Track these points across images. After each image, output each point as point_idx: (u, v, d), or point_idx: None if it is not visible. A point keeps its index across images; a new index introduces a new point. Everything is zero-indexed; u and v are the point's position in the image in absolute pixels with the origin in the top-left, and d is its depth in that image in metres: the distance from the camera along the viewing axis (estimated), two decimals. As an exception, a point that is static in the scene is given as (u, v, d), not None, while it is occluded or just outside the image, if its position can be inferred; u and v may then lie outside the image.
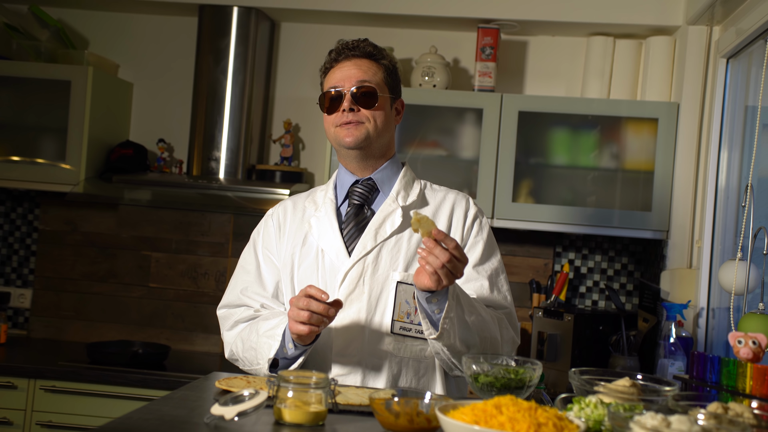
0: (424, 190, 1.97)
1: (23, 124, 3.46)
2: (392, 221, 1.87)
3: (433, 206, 1.94)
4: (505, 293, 1.92)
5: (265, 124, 3.59)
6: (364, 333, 1.82)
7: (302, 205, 1.98)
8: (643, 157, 3.14)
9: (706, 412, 1.28)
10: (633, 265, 3.45)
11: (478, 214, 1.95)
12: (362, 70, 1.88)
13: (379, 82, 1.89)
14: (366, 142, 1.87)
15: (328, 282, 1.85)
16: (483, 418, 1.22)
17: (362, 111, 1.86)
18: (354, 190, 1.92)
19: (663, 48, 3.24)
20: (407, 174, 1.97)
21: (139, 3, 3.51)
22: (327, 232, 1.88)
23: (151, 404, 1.45)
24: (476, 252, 1.91)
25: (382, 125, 1.89)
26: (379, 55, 1.92)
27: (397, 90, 1.97)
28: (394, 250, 1.85)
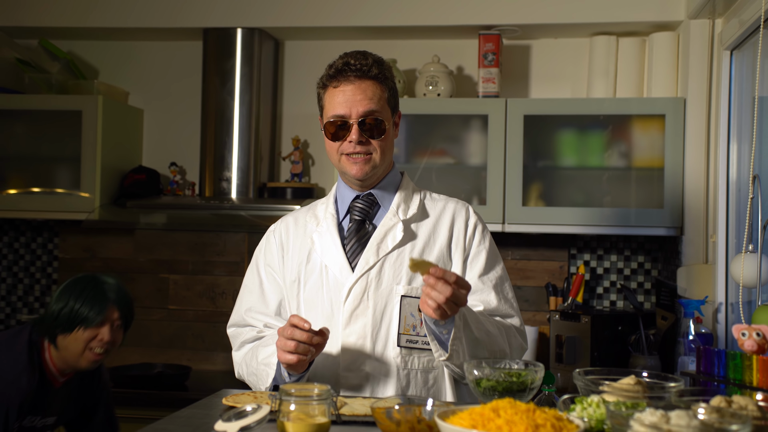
0: (423, 200, 1.95)
1: (38, 156, 3.53)
2: (393, 236, 1.87)
3: (434, 217, 1.93)
4: (511, 300, 1.92)
5: (274, 141, 3.63)
6: (370, 347, 1.82)
7: (303, 220, 1.97)
8: (652, 154, 3.13)
9: (707, 406, 1.26)
10: (649, 263, 3.42)
11: (478, 222, 1.94)
12: (368, 97, 1.81)
13: (384, 106, 1.85)
14: (373, 172, 1.87)
15: (333, 298, 1.85)
16: (481, 421, 1.22)
17: (371, 142, 1.83)
18: (355, 206, 1.92)
19: (666, 44, 3.22)
20: (406, 185, 1.96)
21: (144, 31, 3.56)
22: (330, 249, 1.88)
23: (158, 423, 1.47)
24: (480, 262, 1.90)
25: (388, 152, 1.89)
26: (383, 75, 1.85)
27: (397, 106, 1.93)
28: (397, 263, 1.85)
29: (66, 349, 2.33)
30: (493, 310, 1.87)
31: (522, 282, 3.48)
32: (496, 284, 1.89)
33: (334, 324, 1.83)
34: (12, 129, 3.52)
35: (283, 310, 1.95)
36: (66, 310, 2.31)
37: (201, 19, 3.44)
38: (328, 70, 1.86)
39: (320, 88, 1.89)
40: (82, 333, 2.30)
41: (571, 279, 3.35)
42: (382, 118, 1.83)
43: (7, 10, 3.54)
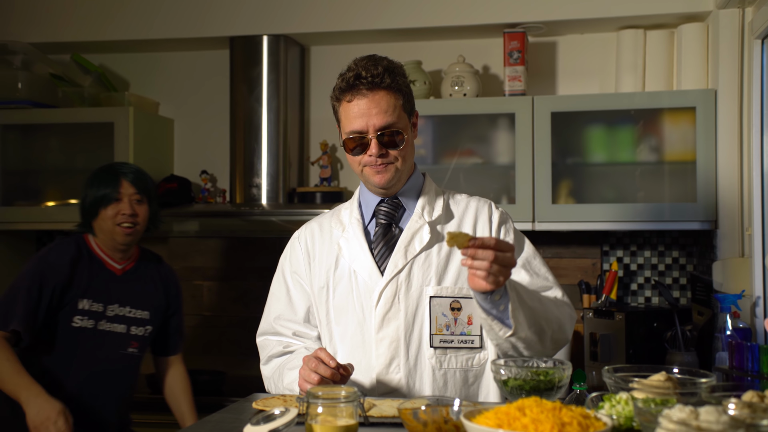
0: (447, 201, 1.95)
1: (73, 168, 3.60)
2: (420, 238, 1.86)
3: (458, 217, 1.92)
4: (545, 274, 1.90)
5: (303, 147, 3.65)
6: (404, 350, 1.82)
7: (328, 226, 1.96)
8: (684, 147, 3.08)
9: (738, 401, 1.24)
10: (684, 258, 3.37)
11: (501, 217, 1.93)
12: (383, 110, 1.79)
13: (401, 114, 1.82)
14: (395, 179, 1.85)
15: (364, 303, 1.85)
16: (506, 420, 1.21)
17: (390, 153, 1.82)
18: (380, 210, 1.91)
19: (695, 35, 3.18)
20: (429, 186, 1.95)
21: (172, 41, 3.62)
22: (358, 254, 1.87)
23: (188, 429, 1.49)
24: None
25: (408, 158, 1.87)
26: (395, 83, 1.81)
27: (412, 109, 1.90)
28: (425, 265, 1.85)
29: (101, 231, 2.58)
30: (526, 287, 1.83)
31: (555, 280, 3.44)
32: (524, 264, 1.88)
33: (367, 329, 1.84)
34: (47, 142, 3.59)
35: (312, 316, 1.95)
36: (88, 198, 2.58)
37: (227, 28, 3.48)
38: (340, 81, 1.83)
39: (334, 101, 1.87)
40: (105, 212, 2.55)
41: (604, 276, 3.32)
42: (399, 129, 1.81)
43: (41, 27, 3.62)
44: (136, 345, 2.65)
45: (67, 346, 2.54)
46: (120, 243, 2.60)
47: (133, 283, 2.66)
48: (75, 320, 2.53)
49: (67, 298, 2.53)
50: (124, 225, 2.56)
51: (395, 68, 1.84)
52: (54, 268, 2.53)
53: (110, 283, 2.61)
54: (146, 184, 2.65)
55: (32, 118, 3.52)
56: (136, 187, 2.60)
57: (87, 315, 2.55)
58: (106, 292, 2.59)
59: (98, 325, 2.57)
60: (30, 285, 2.49)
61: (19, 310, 2.47)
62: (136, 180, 2.61)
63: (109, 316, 2.59)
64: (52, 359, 2.54)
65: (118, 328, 2.61)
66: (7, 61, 3.56)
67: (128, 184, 2.59)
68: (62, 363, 2.54)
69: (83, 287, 2.55)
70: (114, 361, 2.60)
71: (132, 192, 2.59)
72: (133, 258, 2.70)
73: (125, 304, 2.63)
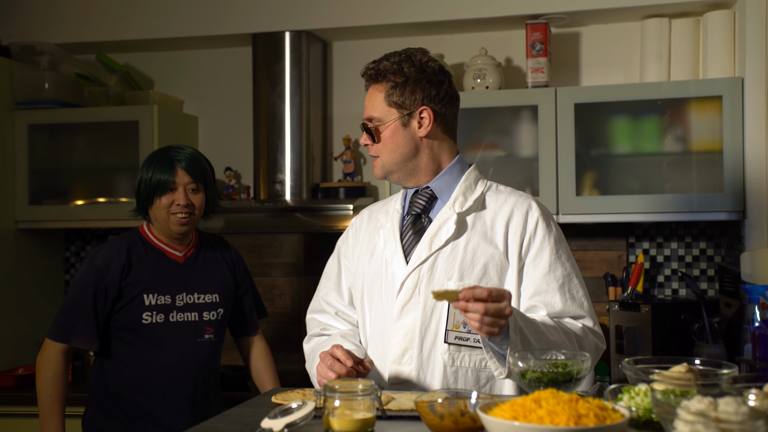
0: (485, 193, 1.91)
1: (100, 166, 3.64)
2: (447, 229, 1.84)
3: (492, 211, 1.88)
4: (581, 299, 1.84)
5: (326, 142, 3.66)
6: (419, 342, 1.82)
7: (376, 215, 2.01)
8: (710, 136, 3.03)
9: (759, 392, 1.22)
10: (712, 249, 3.32)
11: (541, 217, 1.86)
12: (368, 102, 1.88)
13: (382, 108, 1.85)
14: (384, 172, 1.89)
15: (388, 291, 1.87)
16: (522, 413, 1.20)
17: (374, 146, 1.88)
18: (414, 201, 1.92)
19: (722, 22, 3.13)
20: (468, 177, 1.92)
21: (195, 39, 3.64)
22: (389, 243, 1.90)
23: (207, 422, 1.50)
24: (543, 260, 1.83)
25: (394, 152, 1.86)
26: (382, 75, 1.85)
27: (412, 103, 1.85)
28: (450, 258, 1.83)
29: (156, 220, 2.49)
30: (558, 313, 1.81)
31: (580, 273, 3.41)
32: (562, 284, 1.82)
33: (388, 317, 1.86)
34: (74, 141, 3.64)
35: (354, 300, 2.01)
36: (142, 184, 2.47)
37: (248, 25, 3.50)
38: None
39: None
40: (159, 201, 2.44)
41: (630, 268, 3.28)
42: (376, 123, 1.86)
43: (67, 27, 3.66)
44: (211, 330, 2.56)
45: (141, 343, 2.46)
46: (175, 233, 2.50)
47: (198, 268, 2.57)
48: (144, 317, 2.45)
49: (130, 296, 2.45)
50: (179, 216, 2.46)
51: (396, 63, 1.85)
52: (102, 270, 2.43)
53: (174, 273, 2.52)
54: (202, 170, 2.51)
55: (59, 118, 3.57)
56: (192, 175, 2.47)
57: (155, 309, 2.47)
58: (172, 282, 2.50)
59: (169, 317, 2.48)
60: (83, 294, 2.42)
61: (77, 323, 2.42)
62: (190, 167, 2.47)
63: (179, 306, 2.50)
64: (128, 359, 2.47)
65: (191, 317, 2.52)
66: (34, 61, 3.61)
67: (183, 173, 2.46)
68: (139, 362, 2.46)
69: (146, 282, 2.47)
70: (192, 351, 2.51)
71: (187, 181, 2.47)
72: (194, 242, 2.61)
73: (193, 291, 2.53)
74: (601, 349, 1.84)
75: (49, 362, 2.43)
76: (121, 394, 2.47)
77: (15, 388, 3.25)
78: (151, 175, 2.46)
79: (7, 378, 3.28)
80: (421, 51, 1.90)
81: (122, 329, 2.46)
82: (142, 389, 2.45)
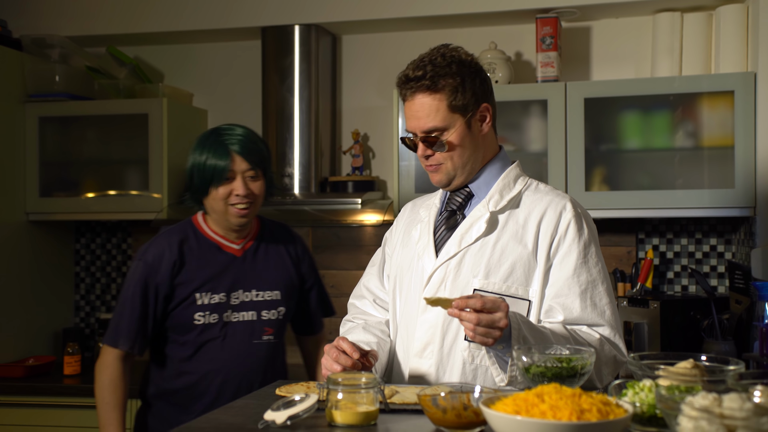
0: (523, 192, 1.87)
1: (109, 159, 3.65)
2: (478, 227, 1.82)
3: (526, 210, 1.84)
4: (603, 307, 1.78)
5: (334, 136, 3.65)
6: (440, 338, 1.81)
7: (418, 209, 2.01)
8: (722, 132, 3.01)
9: (765, 388, 1.21)
10: (722, 245, 3.30)
11: (574, 218, 1.82)
12: (425, 113, 1.78)
13: (445, 115, 1.78)
14: (449, 179, 1.85)
15: (416, 284, 1.87)
16: (524, 407, 1.20)
17: (436, 154, 1.81)
18: (452, 198, 1.91)
19: (734, 16, 3.10)
20: (509, 175, 1.88)
21: (205, 33, 3.64)
22: (424, 236, 1.90)
23: (211, 413, 1.51)
24: (569, 263, 1.79)
25: (462, 157, 1.82)
26: (436, 84, 1.77)
27: (472, 104, 1.81)
28: (478, 255, 1.80)
29: (213, 211, 2.28)
30: (576, 319, 1.77)
31: (589, 269, 3.40)
32: (585, 289, 1.77)
33: (414, 310, 1.86)
34: (84, 134, 3.65)
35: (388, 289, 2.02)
36: (195, 170, 2.25)
37: (258, 18, 3.50)
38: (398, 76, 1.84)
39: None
40: (216, 192, 2.23)
41: (640, 264, 3.26)
42: (440, 133, 1.79)
43: (77, 20, 3.67)
44: (270, 331, 2.34)
45: (194, 346, 2.27)
46: (234, 225, 2.28)
47: (258, 263, 2.34)
48: (196, 318, 2.25)
49: (181, 296, 2.26)
50: (239, 207, 2.24)
51: (446, 66, 1.79)
52: (154, 267, 2.25)
53: (231, 268, 2.30)
54: (259, 154, 2.28)
55: (69, 111, 3.58)
56: (249, 161, 2.24)
57: (208, 309, 2.26)
58: (227, 278, 2.29)
59: (223, 317, 2.28)
60: (133, 295, 2.24)
61: (125, 327, 2.25)
62: (246, 152, 2.23)
63: (234, 304, 2.29)
64: (180, 362, 2.29)
65: (247, 316, 2.31)
66: (45, 54, 3.62)
67: (240, 159, 2.22)
68: (191, 365, 2.28)
69: (198, 280, 2.26)
70: (249, 353, 2.30)
71: (245, 168, 2.23)
72: (254, 233, 2.38)
73: (250, 288, 2.32)
74: (621, 362, 1.78)
75: (105, 368, 2.28)
76: (171, 399, 2.30)
77: (25, 379, 3.28)
78: (205, 161, 2.22)
79: (17, 368, 3.30)
80: (455, 47, 1.86)
81: (175, 330, 2.28)
82: (194, 395, 2.27)
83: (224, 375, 2.26)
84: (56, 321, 3.77)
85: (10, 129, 3.49)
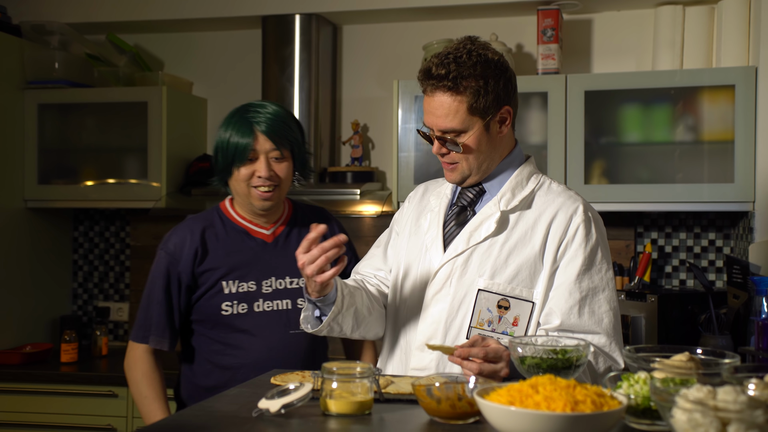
0: (536, 191, 1.84)
1: (108, 147, 3.64)
2: (488, 226, 1.80)
3: (537, 211, 1.81)
4: (601, 316, 1.75)
5: (334, 126, 3.64)
6: (443, 334, 1.80)
7: (429, 196, 1.98)
8: (722, 126, 3.00)
9: (759, 381, 1.21)
10: (721, 240, 3.30)
11: (583, 223, 1.79)
12: (443, 113, 1.74)
13: (463, 118, 1.73)
14: (463, 178, 1.82)
15: (423, 277, 1.86)
16: (518, 398, 1.20)
17: (452, 154, 1.79)
18: (463, 193, 1.88)
19: (737, 10, 3.08)
20: (522, 173, 1.85)
21: (205, 21, 3.63)
22: (433, 228, 1.88)
23: (205, 402, 1.50)
24: (572, 268, 1.76)
25: (477, 159, 1.79)
26: (457, 86, 1.72)
27: (494, 107, 1.75)
28: (485, 255, 1.79)
29: (237, 194, 2.14)
30: (572, 325, 1.74)
31: (587, 262, 3.40)
32: (584, 296, 1.75)
33: (419, 303, 1.85)
34: (83, 121, 3.64)
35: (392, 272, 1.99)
36: (219, 150, 2.11)
37: (259, 7, 3.48)
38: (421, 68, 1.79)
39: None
40: (238, 173, 2.08)
41: (638, 258, 3.26)
42: (459, 133, 1.75)
43: (77, 7, 3.66)
44: None
45: (224, 339, 2.12)
46: (258, 208, 2.13)
47: (291, 248, 2.11)
48: (224, 308, 2.11)
49: (206, 284, 2.12)
50: (261, 189, 2.08)
51: (471, 66, 1.73)
52: (174, 256, 2.13)
53: (261, 254, 2.15)
54: (286, 133, 2.11)
55: (69, 98, 3.57)
56: (274, 141, 2.08)
57: (236, 299, 2.11)
58: (257, 265, 2.14)
59: (254, 306, 2.12)
60: (157, 288, 2.13)
61: (153, 321, 2.13)
62: (272, 131, 2.08)
63: (266, 293, 2.14)
64: (210, 356, 2.14)
65: (281, 305, 2.15)
66: (45, 41, 3.61)
67: (264, 138, 2.07)
68: (223, 358, 2.12)
69: (225, 267, 2.12)
70: (281, 345, 2.12)
71: (269, 148, 2.08)
72: (285, 217, 2.23)
73: (284, 275, 2.16)
74: (614, 369, 1.75)
75: (134, 364, 2.16)
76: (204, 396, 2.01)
77: (22, 366, 3.28)
78: (228, 139, 2.08)
79: (14, 355, 3.30)
80: (482, 44, 1.79)
81: (202, 323, 2.14)
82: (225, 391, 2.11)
83: (259, 370, 1.98)
84: (54, 308, 3.77)
85: (9, 116, 3.48)
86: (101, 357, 3.52)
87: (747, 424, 1.07)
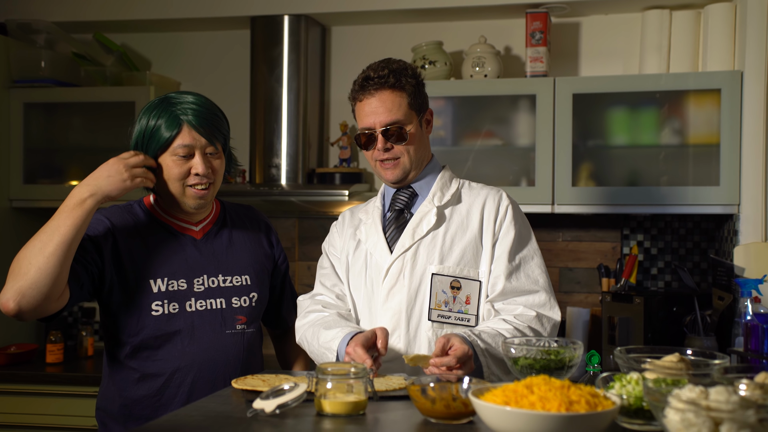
0: (461, 189, 2.08)
1: (95, 147, 3.62)
2: (428, 220, 2.00)
3: (467, 203, 2.05)
4: (537, 276, 1.99)
5: (322, 127, 3.64)
6: (405, 322, 1.96)
7: (357, 216, 2.15)
8: (708, 130, 3.03)
9: (750, 382, 1.22)
10: (705, 242, 3.33)
11: (510, 206, 2.04)
12: (387, 107, 1.96)
13: (405, 111, 1.98)
14: (405, 174, 2.02)
15: (373, 279, 2.02)
16: (514, 398, 1.21)
17: (396, 147, 1.98)
18: (396, 198, 2.08)
19: (723, 15, 3.12)
20: (445, 175, 2.10)
21: (193, 21, 3.62)
22: (372, 236, 2.06)
23: (199, 402, 1.50)
24: (508, 240, 1.99)
25: (417, 152, 2.01)
26: (400, 81, 1.97)
27: (423, 105, 2.05)
28: (431, 246, 1.98)
29: (167, 193, 1.97)
30: (513, 288, 1.95)
31: (574, 263, 3.43)
32: (520, 263, 1.99)
33: (374, 302, 2.00)
34: (70, 121, 3.62)
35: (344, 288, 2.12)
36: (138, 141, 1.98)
37: (248, 7, 3.48)
38: (354, 85, 2.01)
39: (351, 102, 2.05)
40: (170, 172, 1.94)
41: (624, 260, 3.29)
42: (403, 125, 1.96)
43: (64, 6, 3.63)
44: (243, 320, 2.04)
45: (154, 342, 1.96)
46: (192, 207, 1.98)
47: (221, 245, 2.06)
48: (153, 308, 1.95)
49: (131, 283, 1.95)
50: (198, 187, 1.95)
51: (403, 69, 2.00)
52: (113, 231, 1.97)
53: (191, 252, 2.02)
54: (217, 124, 1.99)
55: (55, 97, 3.55)
56: (206, 136, 1.94)
57: (167, 298, 1.96)
58: (187, 263, 2.00)
59: (186, 306, 1.98)
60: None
61: None
62: (202, 122, 1.94)
63: (198, 291, 2.00)
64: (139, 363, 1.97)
65: (215, 304, 2.01)
66: (31, 39, 3.58)
67: (197, 134, 1.93)
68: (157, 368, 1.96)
69: (151, 266, 1.97)
70: (219, 346, 1.99)
71: (204, 143, 1.94)
72: (214, 213, 2.11)
73: (216, 273, 2.03)
74: (556, 321, 1.96)
75: None
76: (134, 411, 1.96)
77: (7, 366, 3.25)
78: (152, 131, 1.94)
79: (-1, 356, 3.28)
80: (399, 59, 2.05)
81: (128, 326, 1.96)
82: (162, 401, 1.95)
83: (195, 372, 1.93)
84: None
85: (-6, 114, 3.46)
86: (87, 357, 3.49)
87: (739, 424, 1.09)
